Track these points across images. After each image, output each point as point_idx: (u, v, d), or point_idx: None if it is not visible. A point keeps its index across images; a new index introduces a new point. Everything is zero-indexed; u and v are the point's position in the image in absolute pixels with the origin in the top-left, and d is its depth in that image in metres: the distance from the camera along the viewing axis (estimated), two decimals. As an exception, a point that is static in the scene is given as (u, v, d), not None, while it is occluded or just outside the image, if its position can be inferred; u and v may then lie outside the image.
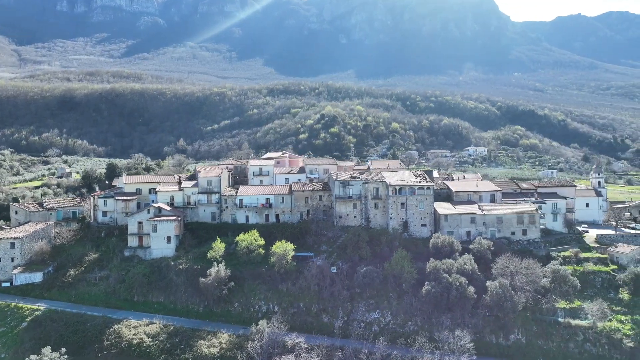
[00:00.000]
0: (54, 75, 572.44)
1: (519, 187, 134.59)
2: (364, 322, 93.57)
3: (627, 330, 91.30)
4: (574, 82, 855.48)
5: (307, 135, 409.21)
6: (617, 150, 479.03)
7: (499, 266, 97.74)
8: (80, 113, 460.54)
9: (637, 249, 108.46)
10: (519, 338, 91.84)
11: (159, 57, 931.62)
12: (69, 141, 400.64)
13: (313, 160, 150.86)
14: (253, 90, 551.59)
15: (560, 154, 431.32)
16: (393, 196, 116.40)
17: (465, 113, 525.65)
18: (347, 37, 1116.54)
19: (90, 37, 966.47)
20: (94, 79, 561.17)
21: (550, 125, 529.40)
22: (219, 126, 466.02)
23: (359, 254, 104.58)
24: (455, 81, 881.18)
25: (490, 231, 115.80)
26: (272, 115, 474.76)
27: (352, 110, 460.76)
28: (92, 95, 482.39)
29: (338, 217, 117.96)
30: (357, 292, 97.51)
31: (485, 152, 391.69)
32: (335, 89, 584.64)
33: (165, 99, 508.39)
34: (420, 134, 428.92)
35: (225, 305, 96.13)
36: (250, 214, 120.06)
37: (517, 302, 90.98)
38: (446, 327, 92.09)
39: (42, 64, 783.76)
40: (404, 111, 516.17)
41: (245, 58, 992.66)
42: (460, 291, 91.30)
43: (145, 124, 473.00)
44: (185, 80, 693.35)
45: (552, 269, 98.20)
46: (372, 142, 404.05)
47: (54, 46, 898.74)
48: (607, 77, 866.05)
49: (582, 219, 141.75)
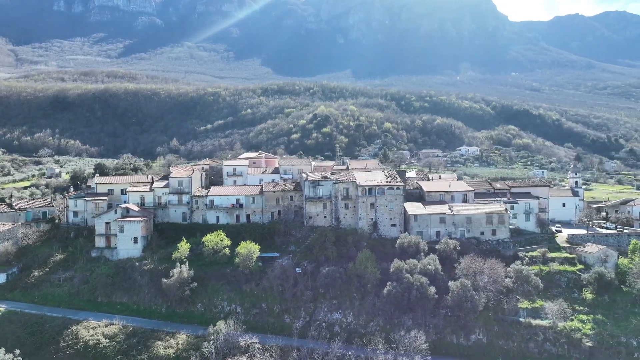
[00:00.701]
0: (48, 75, 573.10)
1: (493, 188, 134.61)
2: (326, 323, 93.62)
3: (587, 330, 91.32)
4: (571, 82, 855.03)
5: (300, 135, 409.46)
6: (610, 149, 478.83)
7: (463, 266, 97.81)
8: (73, 113, 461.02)
9: (603, 249, 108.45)
10: (480, 338, 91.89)
11: (156, 57, 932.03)
12: (62, 141, 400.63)
13: (287, 161, 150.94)
14: (247, 90, 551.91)
15: (552, 153, 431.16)
16: (362, 196, 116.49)
17: (459, 113, 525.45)
18: (344, 37, 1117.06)
19: (87, 37, 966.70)
20: (88, 79, 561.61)
21: (545, 124, 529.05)
22: (213, 126, 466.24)
23: (325, 254, 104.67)
24: (452, 81, 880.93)
25: (460, 231, 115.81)
26: (266, 115, 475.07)
27: (345, 110, 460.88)
28: (86, 95, 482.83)
29: (308, 217, 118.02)
30: (320, 293, 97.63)
31: (477, 152, 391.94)
32: (330, 89, 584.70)
33: (159, 99, 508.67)
34: (413, 133, 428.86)
35: (187, 306, 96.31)
36: (220, 215, 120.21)
37: (477, 302, 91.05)
38: (407, 327, 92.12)
39: (39, 64, 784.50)
40: (398, 111, 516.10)
41: (242, 58, 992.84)
42: (421, 291, 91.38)
43: (139, 124, 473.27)
44: (181, 80, 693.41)
45: (515, 269, 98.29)
46: (364, 142, 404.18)
47: (51, 46, 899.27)
48: (604, 77, 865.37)
49: (558, 219, 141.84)
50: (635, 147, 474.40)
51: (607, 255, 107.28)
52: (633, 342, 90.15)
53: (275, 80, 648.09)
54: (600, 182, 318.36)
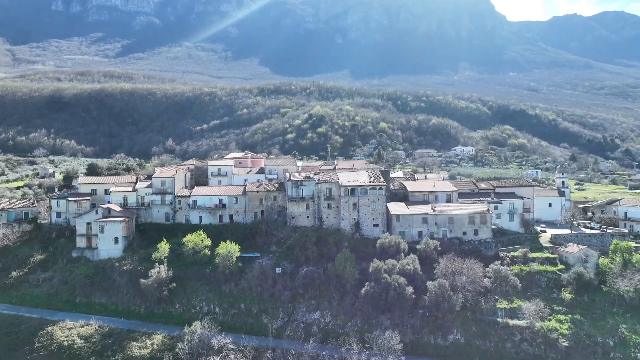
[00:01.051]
0: (44, 75, 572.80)
1: (477, 188, 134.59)
2: (304, 323, 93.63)
3: (564, 330, 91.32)
4: (569, 82, 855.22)
5: (295, 135, 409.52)
6: (606, 149, 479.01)
7: (442, 266, 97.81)
8: (69, 113, 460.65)
9: (584, 249, 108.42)
10: (457, 338, 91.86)
11: (154, 57, 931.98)
12: (57, 141, 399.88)
13: (272, 161, 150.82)
14: (244, 90, 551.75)
15: (548, 153, 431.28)
16: (345, 196, 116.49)
17: (456, 113, 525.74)
18: (343, 37, 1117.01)
19: (85, 36, 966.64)
20: (84, 79, 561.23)
21: (541, 124, 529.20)
22: (209, 126, 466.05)
23: (306, 254, 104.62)
24: (450, 81, 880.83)
25: (442, 231, 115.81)
26: (262, 115, 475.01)
27: (340, 110, 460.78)
28: (81, 95, 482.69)
29: (291, 217, 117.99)
30: (299, 293, 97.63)
31: (472, 152, 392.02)
32: (326, 89, 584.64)
33: (155, 98, 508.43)
34: (409, 133, 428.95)
35: (166, 306, 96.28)
36: (203, 215, 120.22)
37: (455, 302, 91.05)
38: (385, 327, 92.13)
39: (36, 63, 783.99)
40: (395, 111, 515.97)
41: (240, 58, 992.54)
42: (399, 291, 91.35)
43: (135, 124, 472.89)
44: (179, 80, 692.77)
45: (494, 269, 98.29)
46: (359, 142, 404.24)
47: (49, 46, 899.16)
48: (602, 77, 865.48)
49: (545, 219, 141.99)
50: (631, 147, 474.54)
51: (588, 256, 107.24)
52: (609, 342, 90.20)
53: (272, 80, 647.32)
54: (595, 182, 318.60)
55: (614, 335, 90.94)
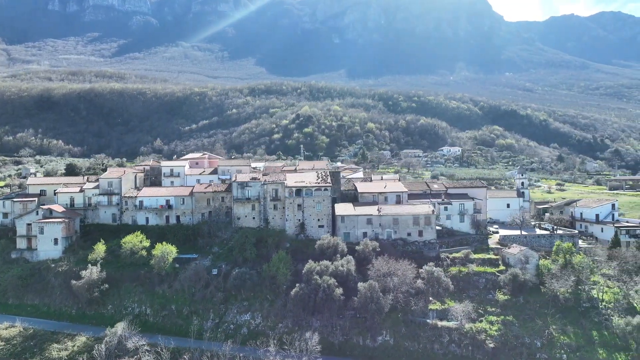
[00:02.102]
0: (35, 74, 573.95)
1: (429, 189, 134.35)
2: (234, 325, 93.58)
3: (493, 331, 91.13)
4: (564, 82, 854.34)
5: (281, 135, 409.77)
6: (596, 150, 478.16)
7: (375, 268, 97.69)
8: (57, 113, 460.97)
9: (524, 250, 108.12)
10: (387, 339, 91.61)
11: (150, 57, 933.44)
12: (44, 141, 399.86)
13: (226, 162, 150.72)
14: (234, 90, 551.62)
15: (535, 153, 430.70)
16: (289, 197, 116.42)
17: (447, 113, 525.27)
18: (340, 37, 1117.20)
19: (81, 36, 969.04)
20: (76, 79, 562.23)
21: (532, 125, 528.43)
22: (197, 126, 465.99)
23: (244, 255, 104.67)
24: (446, 81, 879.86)
25: (387, 232, 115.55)
26: (251, 115, 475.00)
27: (328, 110, 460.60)
28: (71, 95, 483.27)
29: (236, 218, 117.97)
30: (232, 295, 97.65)
31: (458, 152, 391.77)
32: (317, 89, 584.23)
33: (145, 98, 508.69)
34: (396, 133, 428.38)
35: (98, 308, 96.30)
36: (150, 216, 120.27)
37: (383, 303, 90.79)
38: (315, 329, 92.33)
39: (31, 63, 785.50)
40: (385, 111, 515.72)
41: (237, 58, 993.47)
42: (327, 293, 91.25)
43: (124, 124, 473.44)
44: (173, 80, 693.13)
45: (427, 270, 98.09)
46: (346, 142, 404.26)
47: (45, 45, 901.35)
48: (597, 77, 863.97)
49: (503, 220, 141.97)
50: (620, 148, 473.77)
51: (528, 257, 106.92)
52: (537, 343, 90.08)
53: (264, 80, 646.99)
54: (579, 182, 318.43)
55: (542, 336, 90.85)
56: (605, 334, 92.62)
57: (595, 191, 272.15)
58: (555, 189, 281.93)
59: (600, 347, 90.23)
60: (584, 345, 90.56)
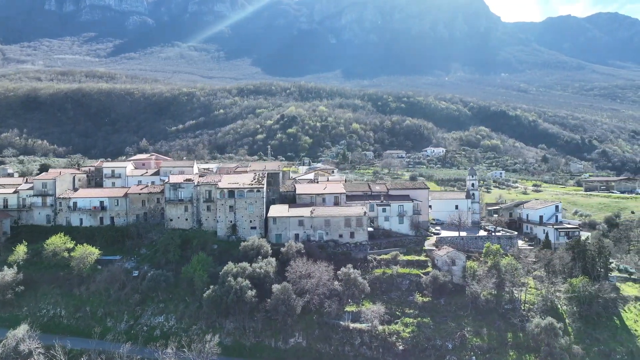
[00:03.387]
0: (25, 74, 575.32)
1: (370, 190, 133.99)
2: (147, 326, 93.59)
3: (406, 334, 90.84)
4: (559, 83, 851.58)
5: (265, 135, 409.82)
6: (583, 151, 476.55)
7: (292, 269, 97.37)
8: (44, 113, 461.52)
9: (451, 252, 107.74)
10: (299, 341, 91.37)
11: (146, 57, 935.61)
12: (29, 141, 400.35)
13: (170, 163, 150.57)
14: (223, 90, 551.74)
15: (520, 154, 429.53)
16: (221, 199, 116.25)
17: (436, 114, 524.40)
18: (336, 37, 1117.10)
19: (77, 36, 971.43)
20: (66, 79, 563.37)
21: (521, 125, 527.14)
22: (184, 126, 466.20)
23: (167, 257, 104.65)
24: (441, 82, 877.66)
25: (319, 234, 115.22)
26: (237, 115, 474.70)
27: (314, 111, 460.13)
28: (58, 95, 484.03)
29: (169, 219, 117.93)
30: (150, 296, 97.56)
31: (442, 153, 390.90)
32: (307, 90, 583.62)
33: (133, 99, 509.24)
34: (381, 134, 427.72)
35: (12, 310, 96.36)
36: (84, 217, 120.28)
37: (295, 305, 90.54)
38: (227, 331, 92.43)
39: (26, 63, 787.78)
40: (374, 112, 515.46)
41: (233, 58, 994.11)
42: (239, 295, 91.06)
43: (112, 124, 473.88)
44: (168, 80, 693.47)
45: (343, 272, 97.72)
46: (329, 142, 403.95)
47: (40, 45, 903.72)
48: (592, 78, 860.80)
49: (451, 221, 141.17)
50: (608, 149, 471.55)
51: (454, 258, 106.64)
52: (448, 345, 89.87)
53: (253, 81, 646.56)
54: (559, 183, 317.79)
55: (454, 339, 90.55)
56: (520, 336, 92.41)
57: (570, 192, 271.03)
58: (532, 190, 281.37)
59: (512, 349, 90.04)
60: (496, 347, 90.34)
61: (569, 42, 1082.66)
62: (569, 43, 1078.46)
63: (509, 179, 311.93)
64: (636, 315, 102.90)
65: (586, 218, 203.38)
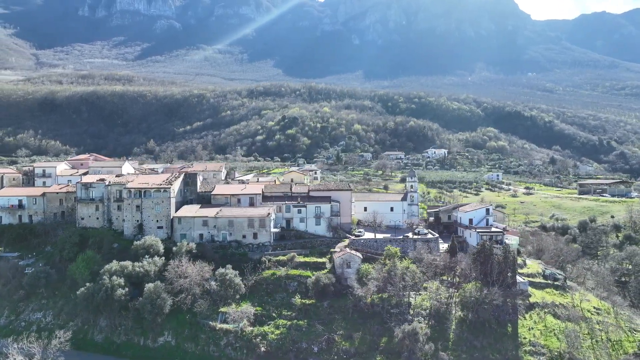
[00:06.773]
0: (48, 78, 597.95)
1: (291, 191, 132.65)
2: (25, 322, 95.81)
3: (273, 336, 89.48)
4: (589, 82, 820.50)
5: (264, 137, 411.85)
6: (600, 152, 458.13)
7: (171, 268, 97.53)
8: (60, 115, 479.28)
9: (347, 254, 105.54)
10: (168, 340, 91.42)
11: (171, 60, 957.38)
12: (43, 142, 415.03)
13: (99, 163, 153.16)
14: (233, 92, 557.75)
15: (528, 156, 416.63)
16: (128, 198, 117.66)
17: (447, 114, 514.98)
18: (360, 38, 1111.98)
19: (107, 40, 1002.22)
20: (85, 82, 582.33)
21: (536, 126, 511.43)
22: (192, 127, 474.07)
23: (62, 255, 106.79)
24: (464, 82, 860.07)
25: (222, 234, 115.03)
26: (243, 117, 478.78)
27: (317, 112, 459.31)
28: (74, 97, 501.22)
29: (80, 218, 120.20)
30: (35, 293, 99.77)
31: (443, 155, 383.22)
32: (316, 91, 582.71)
33: (145, 101, 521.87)
34: (382, 135, 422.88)
35: None
36: (3, 215, 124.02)
37: (162, 304, 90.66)
38: (100, 328, 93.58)
39: (57, 67, 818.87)
40: (383, 112, 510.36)
41: (256, 60, 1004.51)
42: (108, 293, 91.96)
43: (124, 125, 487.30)
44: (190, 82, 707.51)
45: (220, 272, 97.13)
46: (328, 143, 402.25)
47: (72, 50, 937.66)
48: (625, 77, 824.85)
49: (386, 223, 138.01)
50: (626, 150, 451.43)
51: (349, 260, 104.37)
52: (314, 348, 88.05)
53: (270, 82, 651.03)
54: (560, 186, 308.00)
55: (321, 342, 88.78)
56: (395, 342, 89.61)
57: (560, 195, 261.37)
58: (522, 193, 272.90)
59: (380, 354, 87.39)
60: (365, 351, 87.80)
61: (602, 39, 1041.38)
62: (602, 40, 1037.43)
63: (502, 181, 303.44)
64: (534, 323, 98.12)
65: (560, 222, 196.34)
